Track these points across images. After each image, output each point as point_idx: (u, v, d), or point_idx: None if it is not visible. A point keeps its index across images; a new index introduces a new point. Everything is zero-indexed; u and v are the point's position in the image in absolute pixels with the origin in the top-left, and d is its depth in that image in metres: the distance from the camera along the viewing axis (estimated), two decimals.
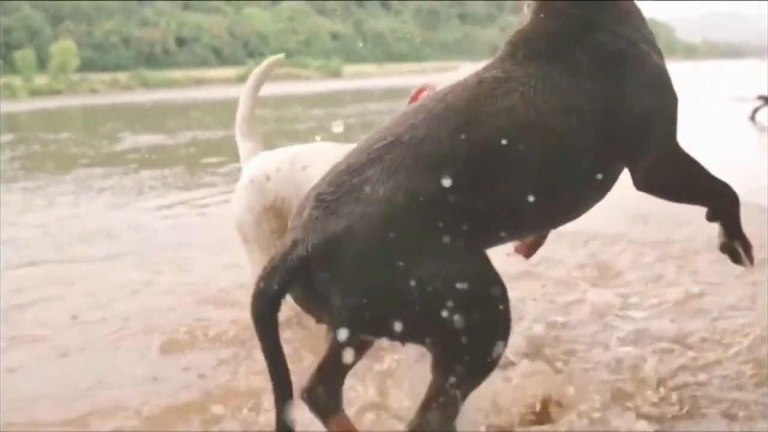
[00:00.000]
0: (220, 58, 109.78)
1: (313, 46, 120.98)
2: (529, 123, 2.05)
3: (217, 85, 73.90)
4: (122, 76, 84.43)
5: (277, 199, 3.25)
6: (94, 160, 12.90)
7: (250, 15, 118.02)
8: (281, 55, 3.97)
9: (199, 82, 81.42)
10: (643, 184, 2.26)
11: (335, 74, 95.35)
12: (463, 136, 2.00)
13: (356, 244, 1.87)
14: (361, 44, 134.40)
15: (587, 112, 2.10)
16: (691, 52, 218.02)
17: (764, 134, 11.99)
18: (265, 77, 3.81)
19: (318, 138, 3.45)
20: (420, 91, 2.94)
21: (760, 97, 13.41)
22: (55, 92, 69.40)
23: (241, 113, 3.66)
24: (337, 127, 3.51)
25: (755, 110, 13.31)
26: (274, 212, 3.26)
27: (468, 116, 2.04)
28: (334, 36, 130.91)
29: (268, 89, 4.15)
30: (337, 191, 1.95)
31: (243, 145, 3.61)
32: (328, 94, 37.29)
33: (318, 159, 3.07)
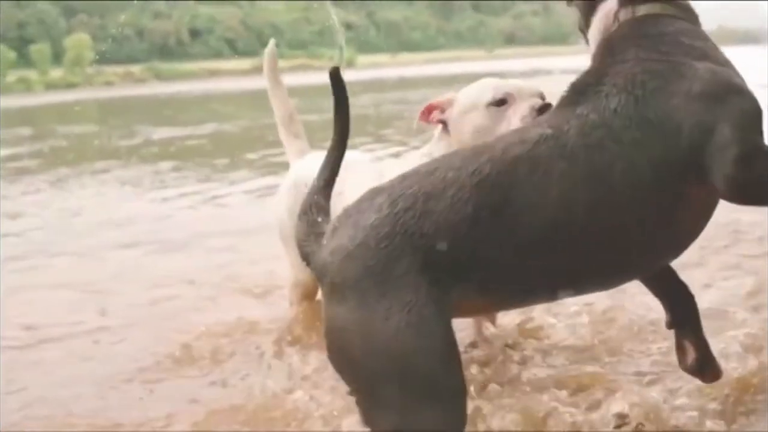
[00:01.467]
0: (234, 49, 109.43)
1: (327, 37, 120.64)
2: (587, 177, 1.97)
3: (231, 77, 73.84)
4: (136, 69, 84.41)
5: None
6: (113, 154, 12.99)
7: (264, 6, 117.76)
8: (272, 42, 4.01)
9: (214, 74, 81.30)
10: (729, 191, 2.01)
11: (349, 64, 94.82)
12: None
13: (333, 264, 1.96)
14: (374, 34, 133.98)
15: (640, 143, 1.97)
16: None
17: None
18: (274, 69, 3.87)
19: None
20: (429, 108, 3.06)
21: None
22: (71, 85, 69.42)
23: (278, 112, 3.71)
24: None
25: None
26: None
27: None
28: (348, 26, 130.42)
29: (283, 80, 4.16)
30: (342, 218, 2.08)
31: (290, 145, 3.65)
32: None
33: (350, 178, 3.02)
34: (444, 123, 3.04)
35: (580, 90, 2.12)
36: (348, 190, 3.00)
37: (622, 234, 1.99)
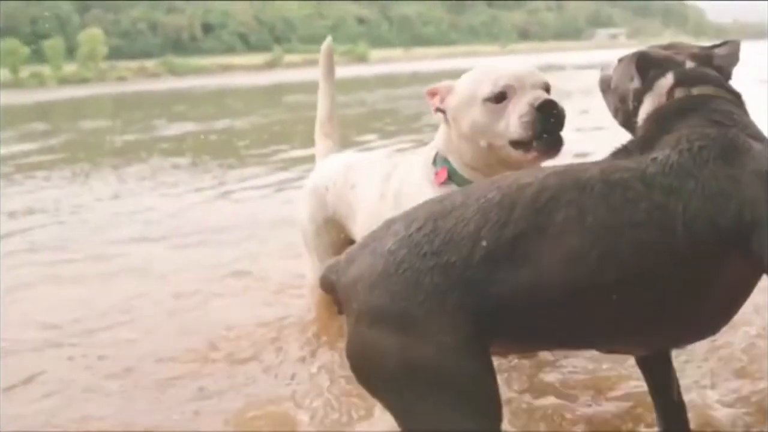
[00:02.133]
0: (247, 44, 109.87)
1: (340, 31, 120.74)
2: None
3: (244, 72, 74.01)
4: (150, 64, 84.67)
5: (336, 213, 3.21)
6: (128, 149, 13.08)
7: (277, 1, 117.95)
8: (329, 39, 3.77)
9: (226, 69, 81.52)
10: None
11: (362, 59, 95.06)
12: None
13: (359, 293, 1.91)
14: (387, 29, 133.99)
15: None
16: (721, 33, 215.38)
17: None
18: (329, 65, 3.68)
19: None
20: (431, 93, 2.83)
21: None
22: (84, 80, 69.75)
23: (321, 109, 3.58)
24: None
25: None
26: (334, 224, 3.22)
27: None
28: (361, 21, 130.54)
29: (292, 76, 4.11)
30: (376, 233, 2.02)
31: (320, 143, 3.54)
32: (355, 80, 37.27)
33: (365, 178, 3.04)
34: (443, 112, 2.80)
35: (623, 149, 2.06)
36: (360, 184, 3.06)
37: (644, 296, 1.88)
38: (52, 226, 6.56)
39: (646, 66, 2.21)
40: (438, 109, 2.80)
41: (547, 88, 2.71)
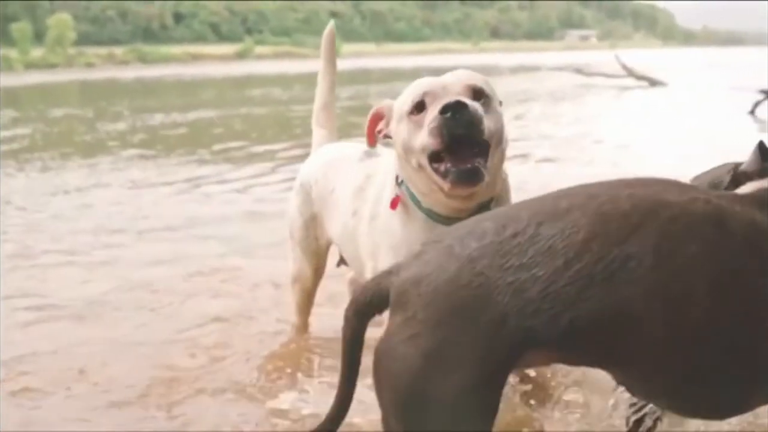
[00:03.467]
0: (218, 34, 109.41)
1: (312, 25, 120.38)
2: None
3: (214, 62, 73.67)
4: (119, 51, 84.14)
5: (319, 212, 3.12)
6: (97, 139, 12.95)
7: None
8: (331, 24, 3.53)
9: (197, 58, 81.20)
10: None
11: None
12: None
13: (418, 296, 1.69)
14: (360, 23, 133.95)
15: None
16: (689, 38, 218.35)
17: (765, 132, 11.82)
18: (330, 51, 3.52)
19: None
20: (373, 119, 2.59)
21: (762, 92, 13.34)
22: (51, 66, 69.17)
23: (319, 96, 3.45)
24: None
25: (756, 104, 13.21)
26: (319, 222, 3.13)
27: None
28: (333, 15, 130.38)
29: (266, 68, 4.05)
30: (442, 237, 1.79)
31: (315, 132, 3.43)
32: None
33: (340, 186, 2.89)
34: (390, 138, 2.52)
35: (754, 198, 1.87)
36: (336, 190, 2.95)
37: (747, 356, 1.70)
38: (17, 217, 6.47)
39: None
40: (386, 136, 2.55)
41: (475, 93, 2.35)
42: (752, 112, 13.14)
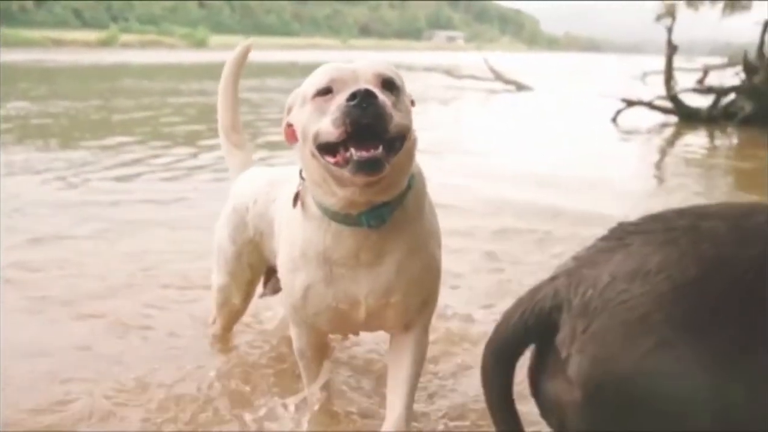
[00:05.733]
0: (81, 20, 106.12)
1: (179, 14, 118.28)
2: None
3: (77, 48, 71.34)
4: None
5: (256, 233, 2.93)
6: None
7: None
8: (250, 41, 3.31)
9: (58, 44, 78.37)
10: None
11: (201, 44, 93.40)
12: None
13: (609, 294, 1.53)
14: (228, 14, 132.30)
15: None
16: (553, 44, 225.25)
17: (626, 140, 12.28)
18: (239, 68, 3.30)
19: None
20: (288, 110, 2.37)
21: (624, 100, 13.98)
22: None
23: (223, 118, 3.28)
24: None
25: (618, 112, 13.79)
26: (254, 246, 2.96)
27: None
28: (201, 5, 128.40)
29: (132, 56, 3.87)
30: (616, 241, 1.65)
31: (232, 156, 3.25)
32: (195, 66, 36.52)
33: (285, 194, 2.58)
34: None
35: None
36: (279, 198, 2.72)
37: None
38: None
39: None
40: (288, 124, 2.36)
41: (385, 83, 2.20)
42: (614, 119, 13.70)
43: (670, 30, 14.37)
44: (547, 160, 9.01)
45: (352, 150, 2.07)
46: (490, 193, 6.82)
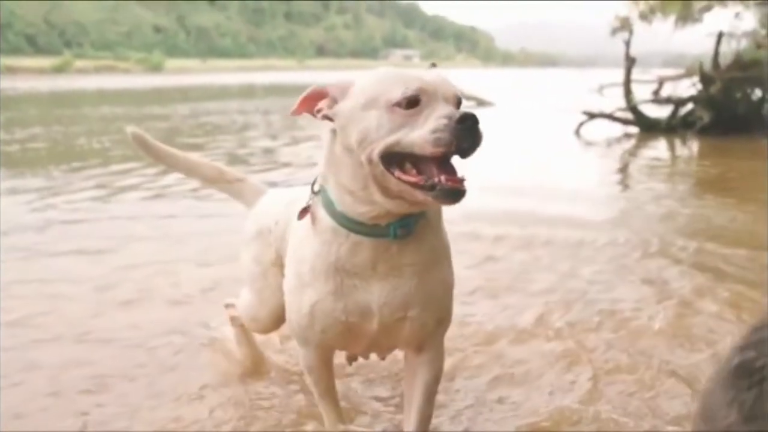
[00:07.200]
0: (35, 46, 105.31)
1: (135, 39, 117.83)
2: None
3: (31, 75, 70.72)
4: None
5: (278, 255, 2.84)
6: None
7: (69, 3, 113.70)
8: (132, 128, 3.01)
9: (12, 71, 77.67)
10: None
11: (156, 68, 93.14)
12: None
13: None
14: (184, 38, 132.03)
15: None
16: (508, 59, 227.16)
17: (590, 151, 12.43)
18: (157, 147, 3.14)
19: None
20: (315, 96, 2.23)
21: (585, 113, 14.20)
22: None
23: (202, 175, 3.19)
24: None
25: (580, 125, 14.00)
26: (280, 267, 2.79)
27: None
28: (157, 29, 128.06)
29: (87, 82, 3.83)
30: None
31: (238, 195, 3.18)
32: (152, 90, 36.33)
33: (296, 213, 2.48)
34: (331, 120, 2.21)
35: None
36: (293, 218, 2.57)
37: None
38: None
39: None
40: (325, 116, 2.21)
41: (458, 103, 2.16)
42: (577, 131, 13.90)
43: (627, 43, 14.60)
44: (517, 172, 9.12)
45: (442, 177, 2.02)
46: (465, 202, 6.87)
